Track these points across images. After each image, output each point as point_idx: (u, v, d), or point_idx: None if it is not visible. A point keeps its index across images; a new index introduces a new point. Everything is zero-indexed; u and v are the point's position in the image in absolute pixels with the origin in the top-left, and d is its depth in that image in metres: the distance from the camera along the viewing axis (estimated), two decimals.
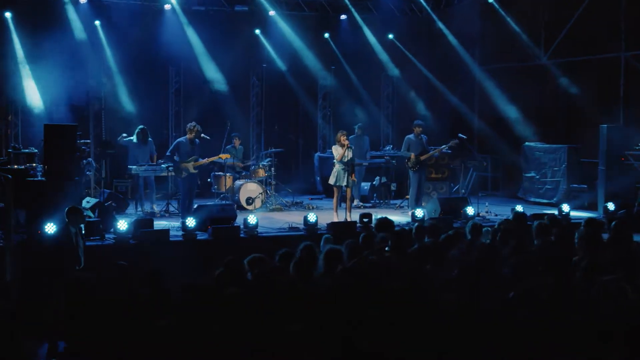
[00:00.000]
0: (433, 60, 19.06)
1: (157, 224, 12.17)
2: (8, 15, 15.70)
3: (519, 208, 13.32)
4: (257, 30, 18.22)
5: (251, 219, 11.99)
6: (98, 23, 16.49)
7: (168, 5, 16.98)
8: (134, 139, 14.60)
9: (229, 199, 14.78)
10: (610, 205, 13.60)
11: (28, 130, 15.84)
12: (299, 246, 7.53)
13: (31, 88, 15.68)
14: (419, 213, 13.04)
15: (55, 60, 15.23)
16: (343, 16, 18.76)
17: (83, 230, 9.94)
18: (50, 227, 9.89)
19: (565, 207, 13.69)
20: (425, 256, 7.58)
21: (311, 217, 12.31)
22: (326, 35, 18.79)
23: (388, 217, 9.15)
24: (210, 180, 15.93)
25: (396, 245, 7.96)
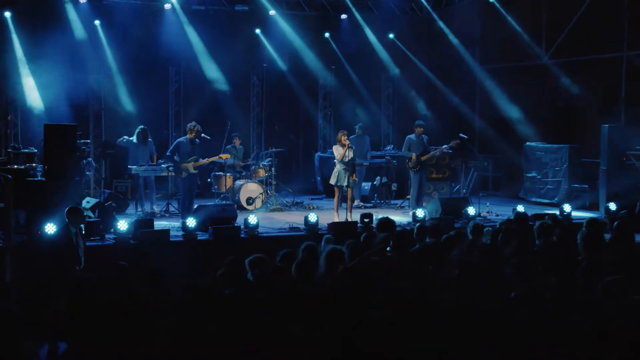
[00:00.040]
0: (434, 60, 19.03)
1: (157, 224, 12.14)
2: (7, 14, 15.64)
3: (520, 208, 13.31)
4: (258, 30, 18.18)
5: (252, 219, 11.96)
6: (98, 22, 16.44)
7: (168, 5, 16.93)
8: (134, 139, 14.56)
9: (229, 199, 14.74)
10: (612, 206, 13.58)
11: (28, 130, 15.79)
12: (301, 246, 7.53)
13: (31, 88, 15.61)
14: (420, 213, 13.02)
15: (55, 60, 15.17)
16: (343, 16, 18.71)
17: (83, 230, 9.92)
18: (50, 228, 9.86)
19: (567, 207, 13.66)
20: (427, 256, 7.58)
21: (312, 217, 12.28)
22: (326, 34, 18.74)
23: (389, 217, 9.11)
24: (210, 180, 15.89)
25: (398, 245, 7.95)
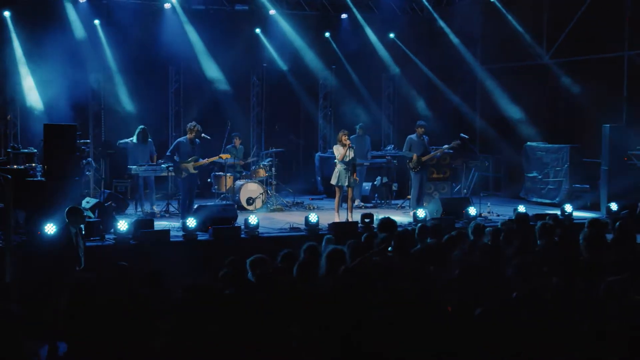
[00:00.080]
0: (434, 60, 18.99)
1: (157, 225, 12.10)
2: (7, 14, 15.61)
3: (521, 208, 13.29)
4: (258, 30, 18.13)
5: (252, 219, 11.93)
6: (97, 22, 16.41)
7: (168, 4, 16.89)
8: (134, 139, 14.53)
9: (229, 199, 14.70)
10: (613, 206, 13.56)
11: (27, 130, 15.76)
12: (302, 247, 7.51)
13: (30, 87, 15.59)
14: (421, 213, 12.99)
15: (55, 60, 15.13)
16: (344, 15, 18.67)
17: (83, 230, 9.88)
18: (50, 228, 9.82)
19: (568, 208, 13.63)
20: (428, 257, 7.55)
21: (312, 218, 12.25)
22: (327, 34, 18.70)
23: (391, 217, 9.08)
24: (210, 180, 15.84)
25: (399, 245, 7.93)
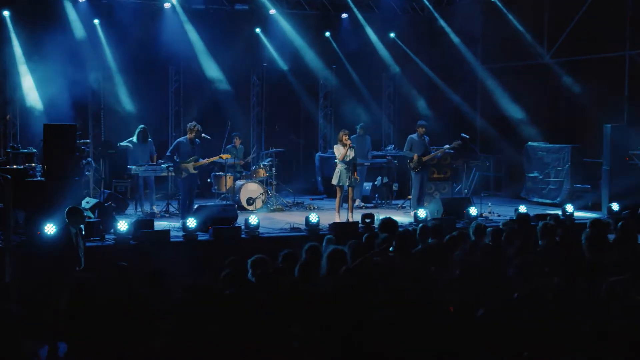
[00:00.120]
0: (435, 59, 18.94)
1: (158, 225, 12.07)
2: (6, 13, 15.58)
3: (522, 208, 13.26)
4: (258, 29, 18.09)
5: (252, 220, 11.89)
6: (97, 22, 16.37)
7: (168, 4, 16.85)
8: (135, 139, 14.49)
9: (229, 199, 14.66)
10: (615, 206, 13.54)
11: (27, 130, 15.73)
12: (304, 247, 7.50)
13: (30, 87, 15.56)
14: (422, 213, 12.95)
15: (54, 59, 15.09)
16: (344, 15, 18.63)
17: (83, 230, 9.84)
18: (50, 228, 9.79)
19: (569, 208, 13.59)
20: (430, 257, 7.53)
21: (313, 218, 12.22)
22: (327, 34, 18.66)
23: (392, 218, 9.05)
24: (210, 180, 15.80)
25: (400, 245, 7.91)
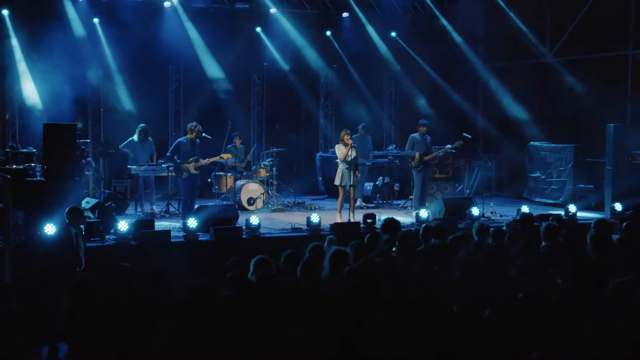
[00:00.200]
0: (436, 58, 18.87)
1: (158, 225, 12.03)
2: (5, 12, 15.54)
3: (525, 209, 13.18)
4: (258, 28, 18.04)
5: (253, 220, 11.83)
6: (97, 21, 16.31)
7: (168, 3, 16.80)
8: (135, 138, 14.43)
9: (230, 200, 14.59)
10: (618, 206, 13.49)
11: (26, 130, 15.68)
12: (308, 247, 7.47)
13: (29, 87, 15.52)
14: (423, 214, 12.88)
15: (54, 59, 15.04)
16: (345, 14, 18.58)
17: (83, 231, 9.78)
18: (49, 228, 9.72)
19: (572, 208, 13.55)
20: (433, 257, 7.48)
21: (314, 218, 12.17)
22: (328, 33, 18.60)
23: (394, 218, 8.99)
24: (210, 180, 15.73)
25: (403, 246, 7.87)
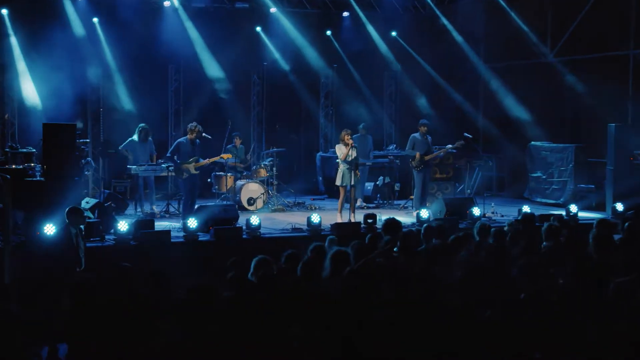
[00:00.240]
0: (437, 58, 18.83)
1: (158, 225, 12.00)
2: (4, 12, 15.51)
3: (526, 209, 13.15)
4: (258, 28, 18.00)
5: (254, 220, 11.79)
6: (96, 20, 16.28)
7: (167, 2, 16.77)
8: (135, 137, 14.39)
9: (230, 200, 14.55)
10: (619, 206, 13.45)
11: (25, 130, 15.64)
12: (309, 247, 7.46)
13: (28, 86, 15.49)
14: (424, 214, 12.84)
15: (53, 58, 15.01)
16: (345, 13, 18.55)
17: (83, 231, 9.75)
18: (49, 228, 9.68)
19: (573, 208, 13.53)
20: (435, 257, 7.46)
21: (315, 218, 12.14)
22: (328, 32, 18.56)
23: (396, 218, 8.97)
24: (210, 180, 15.69)
25: (405, 246, 7.85)
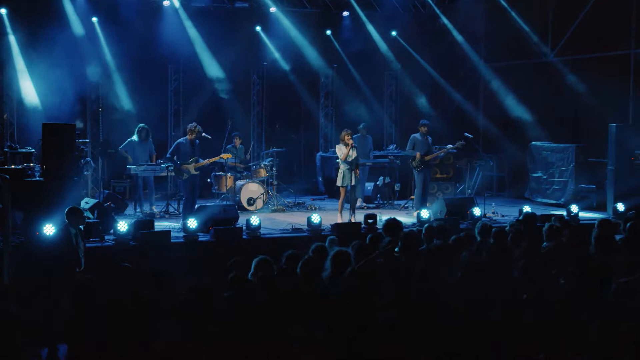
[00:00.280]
0: (437, 58, 18.80)
1: (158, 225, 11.98)
2: (3, 11, 15.46)
3: (527, 209, 13.12)
4: (258, 28, 17.96)
5: (254, 220, 11.75)
6: (95, 20, 16.24)
7: (167, 2, 16.72)
8: (135, 137, 14.35)
9: (229, 200, 14.52)
10: (620, 206, 13.42)
11: (24, 130, 15.60)
12: (311, 247, 7.44)
13: (27, 86, 15.45)
14: (425, 214, 12.81)
15: (52, 58, 14.97)
16: (345, 13, 18.50)
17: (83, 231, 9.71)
18: (48, 229, 9.63)
19: (574, 208, 13.51)
20: (436, 258, 7.43)
21: (315, 218, 12.10)
22: (328, 32, 18.53)
23: (396, 218, 8.93)
24: (210, 180, 15.65)
25: (406, 246, 7.83)
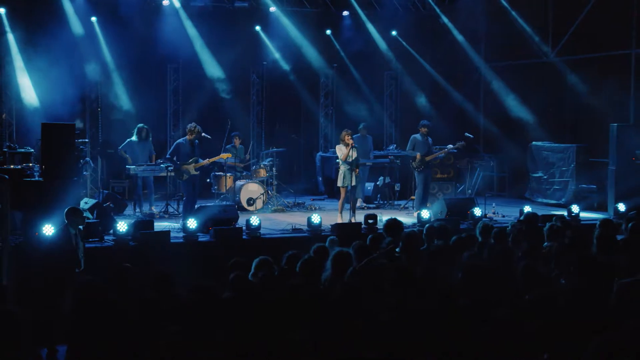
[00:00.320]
0: (437, 57, 18.78)
1: (158, 225, 11.94)
2: (2, 11, 15.42)
3: (528, 209, 13.08)
4: (258, 27, 17.92)
5: (254, 220, 11.71)
6: (95, 19, 16.20)
7: (167, 1, 16.67)
8: (135, 137, 14.31)
9: (229, 200, 14.47)
10: (621, 206, 13.38)
11: (23, 129, 15.55)
12: (312, 247, 7.44)
13: (26, 86, 15.41)
14: (425, 214, 12.78)
15: (51, 58, 14.91)
16: (345, 12, 18.44)
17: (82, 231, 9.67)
18: (48, 229, 9.59)
19: (575, 208, 13.47)
20: (437, 258, 7.41)
21: (315, 219, 12.06)
22: (328, 32, 18.49)
23: (397, 219, 8.91)
24: (210, 180, 15.60)
25: (407, 247, 7.80)
